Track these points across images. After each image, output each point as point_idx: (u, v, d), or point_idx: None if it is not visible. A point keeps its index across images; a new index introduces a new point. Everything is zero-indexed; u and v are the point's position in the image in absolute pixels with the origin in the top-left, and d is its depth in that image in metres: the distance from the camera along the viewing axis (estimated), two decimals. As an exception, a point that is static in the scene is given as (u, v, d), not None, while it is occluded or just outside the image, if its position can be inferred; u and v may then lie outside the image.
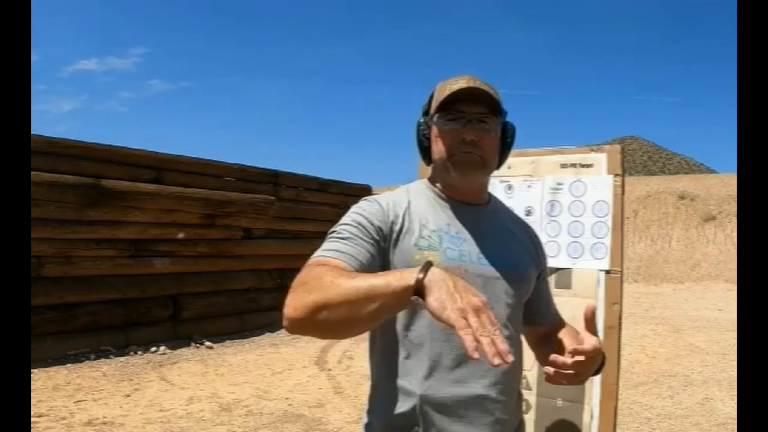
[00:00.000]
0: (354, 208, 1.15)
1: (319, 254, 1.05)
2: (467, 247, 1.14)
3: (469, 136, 1.13)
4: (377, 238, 1.09)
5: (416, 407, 1.08)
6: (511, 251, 1.20)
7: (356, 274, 0.96)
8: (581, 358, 1.02)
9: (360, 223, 1.10)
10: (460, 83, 1.14)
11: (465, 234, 1.16)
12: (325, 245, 1.07)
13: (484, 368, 1.08)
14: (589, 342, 1.04)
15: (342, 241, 1.06)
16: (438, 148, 1.18)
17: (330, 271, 0.96)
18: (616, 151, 1.85)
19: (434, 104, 1.18)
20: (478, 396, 1.09)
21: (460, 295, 0.83)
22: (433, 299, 0.83)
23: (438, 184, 1.22)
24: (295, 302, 0.95)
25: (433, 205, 1.19)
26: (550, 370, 1.05)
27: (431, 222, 1.15)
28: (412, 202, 1.18)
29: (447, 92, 1.14)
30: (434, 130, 1.18)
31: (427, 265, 0.88)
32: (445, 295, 0.83)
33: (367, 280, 0.90)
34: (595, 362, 1.07)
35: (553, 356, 1.04)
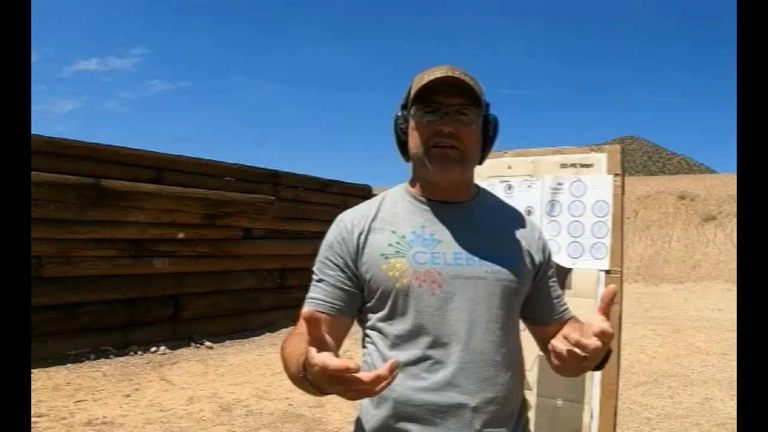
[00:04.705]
0: (325, 239, 1.17)
1: (305, 304, 1.11)
2: (442, 248, 1.09)
3: (447, 128, 1.07)
4: (346, 263, 1.12)
5: (391, 413, 1.07)
6: (498, 248, 1.12)
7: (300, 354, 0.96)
8: (581, 353, 0.93)
9: (328, 258, 1.13)
10: (437, 73, 1.07)
11: (442, 235, 1.11)
12: (310, 291, 1.14)
13: (463, 375, 1.05)
14: (599, 325, 0.93)
15: (318, 285, 1.13)
16: (414, 142, 1.12)
17: (292, 344, 1.03)
18: (616, 151, 1.85)
19: (411, 96, 1.11)
20: (456, 405, 1.04)
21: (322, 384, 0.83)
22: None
23: (417, 184, 1.17)
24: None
25: (409, 209, 1.14)
26: (555, 361, 1.04)
27: (403, 227, 1.11)
28: (383, 209, 1.15)
29: (424, 82, 1.07)
30: (411, 123, 1.12)
31: (305, 367, 0.88)
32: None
33: (297, 365, 0.95)
34: (600, 351, 0.95)
35: (553, 343, 1.02)
